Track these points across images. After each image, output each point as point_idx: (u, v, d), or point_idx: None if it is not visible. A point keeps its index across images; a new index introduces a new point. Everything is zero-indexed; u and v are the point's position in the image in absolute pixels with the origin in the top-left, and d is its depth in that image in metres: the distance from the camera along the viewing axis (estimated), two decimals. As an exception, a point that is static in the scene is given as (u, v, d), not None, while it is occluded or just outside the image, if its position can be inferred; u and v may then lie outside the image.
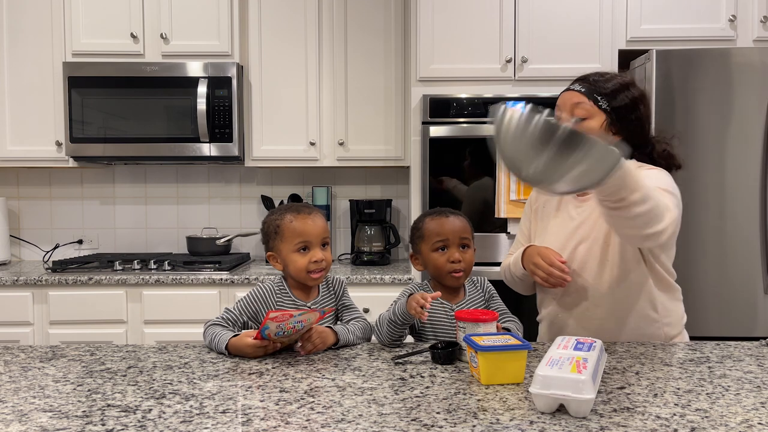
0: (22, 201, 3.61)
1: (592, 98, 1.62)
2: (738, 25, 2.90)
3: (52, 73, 3.21)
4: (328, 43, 3.28)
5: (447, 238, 1.68)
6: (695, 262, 2.71)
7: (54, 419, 1.12)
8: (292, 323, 1.47)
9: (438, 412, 1.15)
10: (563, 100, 1.67)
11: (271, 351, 1.53)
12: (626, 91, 1.63)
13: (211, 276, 2.96)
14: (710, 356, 1.53)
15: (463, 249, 1.69)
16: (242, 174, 3.63)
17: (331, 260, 1.73)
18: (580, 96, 1.62)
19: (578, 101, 1.62)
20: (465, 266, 1.68)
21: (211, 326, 1.64)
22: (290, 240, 1.65)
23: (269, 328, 1.46)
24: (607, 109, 1.61)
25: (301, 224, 1.66)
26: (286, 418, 1.12)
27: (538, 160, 1.23)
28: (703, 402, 1.20)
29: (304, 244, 1.65)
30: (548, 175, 1.26)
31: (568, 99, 1.65)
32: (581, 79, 1.67)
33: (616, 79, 1.65)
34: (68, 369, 1.44)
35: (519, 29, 2.92)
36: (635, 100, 1.64)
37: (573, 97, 1.63)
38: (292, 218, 1.67)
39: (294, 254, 1.65)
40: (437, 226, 1.70)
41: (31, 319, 2.95)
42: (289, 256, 1.66)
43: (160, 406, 1.18)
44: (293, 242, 1.65)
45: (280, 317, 1.44)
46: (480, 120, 2.87)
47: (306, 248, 1.66)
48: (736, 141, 2.69)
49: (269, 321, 1.44)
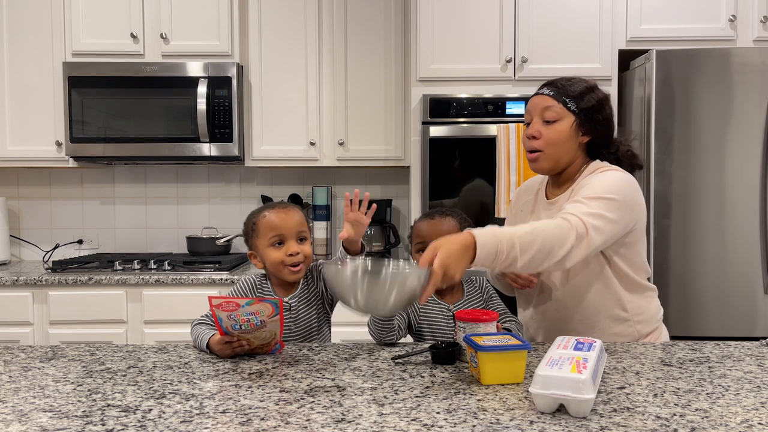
0: (22, 201, 3.61)
1: (561, 101, 1.66)
2: (738, 25, 2.90)
3: (52, 73, 3.21)
4: (328, 43, 3.28)
5: (424, 241, 1.66)
6: (695, 261, 2.71)
7: (54, 419, 1.12)
8: (244, 315, 1.44)
9: (438, 412, 1.14)
10: (533, 104, 1.70)
11: (239, 350, 1.51)
12: (592, 93, 1.68)
13: (211, 276, 2.96)
14: (710, 356, 1.53)
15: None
16: (242, 174, 3.63)
17: (311, 254, 1.72)
18: (549, 99, 1.67)
19: (548, 104, 1.66)
20: None
21: (197, 325, 1.64)
22: (265, 235, 1.67)
23: (223, 320, 1.45)
24: (576, 111, 1.66)
25: (275, 218, 1.68)
26: (286, 418, 1.11)
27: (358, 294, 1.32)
28: (703, 402, 1.20)
29: (278, 238, 1.66)
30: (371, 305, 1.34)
31: (538, 103, 1.69)
32: (549, 84, 1.71)
33: (582, 82, 1.70)
34: (68, 369, 1.44)
35: (519, 29, 2.92)
36: (601, 102, 1.69)
37: (543, 101, 1.68)
38: (266, 214, 1.69)
39: (269, 248, 1.67)
40: (420, 228, 1.72)
41: (31, 319, 2.95)
42: (264, 251, 1.67)
43: (160, 406, 1.18)
44: (268, 236, 1.67)
45: (225, 305, 1.43)
46: (480, 120, 2.87)
47: (281, 242, 1.66)
48: (736, 141, 2.69)
49: (218, 311, 1.43)
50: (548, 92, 1.68)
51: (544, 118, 1.66)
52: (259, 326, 1.47)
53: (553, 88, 1.68)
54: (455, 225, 1.70)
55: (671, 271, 2.72)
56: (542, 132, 1.66)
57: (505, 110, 2.88)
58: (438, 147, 2.88)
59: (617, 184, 1.59)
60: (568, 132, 1.65)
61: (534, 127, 1.67)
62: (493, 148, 2.84)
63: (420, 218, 1.76)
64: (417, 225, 1.75)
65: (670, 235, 2.72)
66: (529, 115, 1.70)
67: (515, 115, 2.88)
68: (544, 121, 1.66)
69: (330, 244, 3.52)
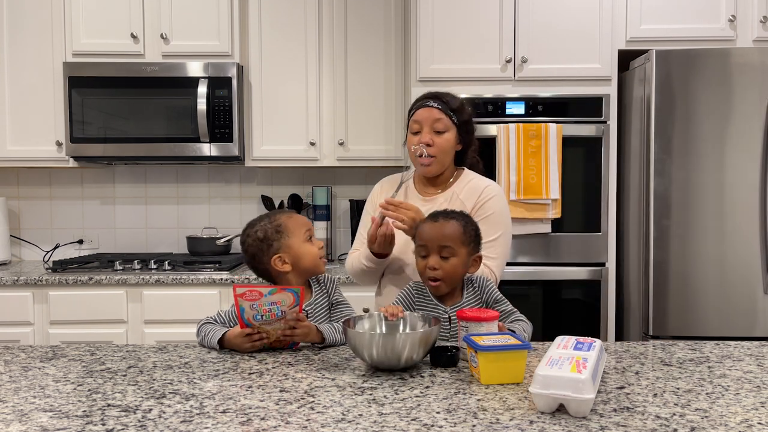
0: (22, 201, 3.61)
1: (448, 114, 1.89)
2: (738, 25, 2.90)
3: (53, 73, 3.21)
4: (328, 44, 3.27)
5: (426, 245, 1.65)
6: (695, 261, 2.71)
7: (54, 419, 1.12)
8: (266, 305, 1.50)
9: (438, 411, 1.14)
10: (423, 116, 1.89)
11: (259, 343, 1.56)
12: (466, 108, 1.95)
13: (212, 276, 2.96)
14: (710, 356, 1.53)
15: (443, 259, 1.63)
16: (242, 174, 3.63)
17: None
18: (439, 112, 1.88)
19: (438, 117, 1.88)
20: (443, 275, 1.63)
21: (205, 324, 1.69)
22: (298, 231, 1.71)
23: (245, 311, 1.51)
24: (457, 123, 1.91)
25: (298, 217, 1.75)
26: (286, 418, 1.11)
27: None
28: (702, 402, 1.20)
29: (310, 232, 1.73)
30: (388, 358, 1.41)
31: (429, 115, 1.89)
32: (434, 97, 1.91)
33: (457, 98, 1.96)
34: (68, 369, 1.44)
35: (519, 29, 2.91)
36: (471, 116, 1.97)
37: (433, 113, 1.88)
38: (286, 216, 1.73)
39: (306, 244, 1.71)
40: (423, 231, 1.68)
41: (31, 319, 2.95)
42: (302, 248, 1.70)
43: (161, 406, 1.18)
44: (302, 232, 1.71)
45: (249, 294, 1.49)
46: (480, 120, 2.84)
47: (310, 237, 1.73)
48: (736, 141, 2.69)
49: (241, 300, 1.49)
50: (437, 105, 1.89)
51: (435, 129, 1.88)
52: (279, 317, 1.52)
53: (439, 102, 1.89)
54: (459, 228, 1.66)
55: (671, 271, 2.72)
56: (435, 141, 1.88)
57: (504, 110, 2.88)
58: (438, 147, 2.87)
59: (506, 213, 1.95)
60: (453, 141, 1.92)
61: (428, 136, 1.87)
62: (493, 149, 2.84)
63: (423, 220, 1.73)
64: (420, 227, 1.70)
65: (669, 235, 2.72)
66: (419, 125, 1.90)
67: (515, 116, 2.88)
68: (435, 131, 1.88)
69: (330, 244, 3.52)
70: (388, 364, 1.39)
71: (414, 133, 1.91)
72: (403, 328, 1.53)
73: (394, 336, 1.41)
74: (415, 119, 1.92)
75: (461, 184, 1.97)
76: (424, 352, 1.41)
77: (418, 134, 1.90)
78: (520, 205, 2.81)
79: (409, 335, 1.41)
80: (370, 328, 1.53)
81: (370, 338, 1.38)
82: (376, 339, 1.38)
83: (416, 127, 1.91)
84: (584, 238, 2.88)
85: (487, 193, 1.93)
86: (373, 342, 1.37)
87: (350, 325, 1.48)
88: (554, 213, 2.83)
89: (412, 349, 1.37)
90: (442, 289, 1.65)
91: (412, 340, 1.37)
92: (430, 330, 1.40)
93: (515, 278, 2.83)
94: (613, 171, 2.91)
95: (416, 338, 1.38)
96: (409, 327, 1.53)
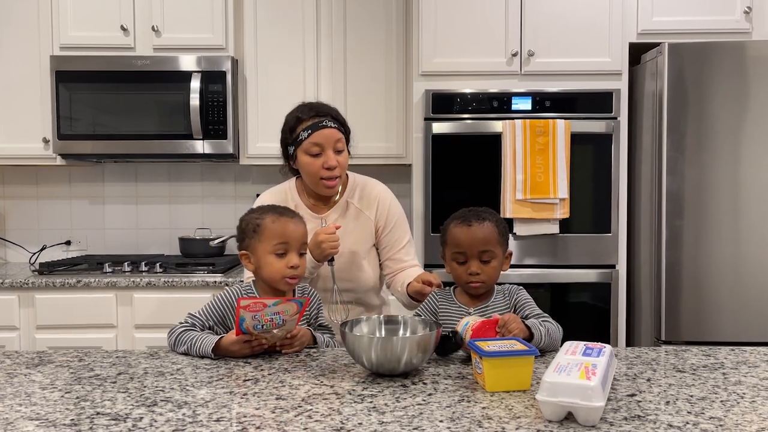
0: (7, 200, 3.57)
1: (344, 133, 1.96)
2: (753, 17, 2.85)
3: (39, 67, 3.17)
4: (327, 37, 3.22)
5: (464, 251, 1.65)
6: (709, 263, 2.69)
7: (41, 427, 1.11)
8: (268, 315, 1.48)
9: (441, 420, 1.13)
10: (326, 137, 1.89)
11: (257, 349, 1.54)
12: (346, 123, 2.01)
13: (205, 278, 2.92)
14: (725, 362, 1.52)
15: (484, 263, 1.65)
16: (237, 172, 3.58)
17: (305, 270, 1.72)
18: (338, 133, 1.93)
19: (339, 137, 1.92)
20: (486, 278, 1.66)
21: (186, 331, 1.61)
22: (269, 240, 1.63)
23: (246, 321, 1.48)
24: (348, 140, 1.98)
25: (283, 226, 1.64)
26: (283, 427, 1.10)
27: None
28: (717, 410, 1.18)
29: (283, 247, 1.63)
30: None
31: (331, 136, 1.90)
32: (332, 118, 1.94)
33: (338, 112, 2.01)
34: (56, 375, 1.43)
35: (525, 21, 2.86)
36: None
37: (335, 134, 1.91)
38: (274, 219, 1.65)
39: (270, 256, 1.63)
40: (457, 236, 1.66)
41: (17, 324, 2.91)
42: (265, 258, 1.64)
43: (152, 414, 1.17)
44: (272, 243, 1.63)
45: (253, 306, 1.46)
46: (485, 116, 2.84)
47: (284, 252, 1.63)
48: (752, 137, 2.67)
49: (243, 312, 1.46)
50: (336, 126, 1.93)
51: (336, 149, 1.91)
52: (280, 325, 1.51)
53: (336, 122, 1.94)
54: (494, 229, 1.67)
55: (684, 273, 2.69)
56: (338, 161, 1.91)
57: (510, 106, 2.85)
58: (441, 144, 2.84)
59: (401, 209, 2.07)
60: (348, 158, 1.98)
61: (334, 158, 1.90)
62: (498, 145, 2.80)
63: (454, 222, 1.70)
64: (452, 231, 1.68)
65: (682, 235, 2.69)
66: (320, 147, 1.89)
67: (521, 111, 2.84)
68: (336, 151, 1.91)
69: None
70: (388, 367, 1.38)
71: (314, 155, 1.89)
72: (403, 332, 1.55)
73: (393, 338, 1.41)
74: (314, 141, 1.89)
75: (350, 192, 2.03)
76: (424, 356, 1.40)
77: (319, 156, 1.89)
78: (526, 205, 2.77)
79: (409, 338, 1.42)
80: (369, 332, 1.54)
81: (369, 341, 1.37)
82: (375, 342, 1.37)
83: (317, 150, 1.89)
84: (593, 239, 2.84)
85: (383, 200, 2.03)
86: (372, 345, 1.36)
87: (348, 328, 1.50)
88: (562, 213, 2.79)
89: (412, 352, 1.36)
90: (482, 289, 1.68)
91: (411, 342, 1.37)
92: (431, 333, 1.41)
93: (521, 281, 2.77)
94: (624, 169, 2.88)
95: (416, 341, 1.38)
96: (409, 331, 1.54)
